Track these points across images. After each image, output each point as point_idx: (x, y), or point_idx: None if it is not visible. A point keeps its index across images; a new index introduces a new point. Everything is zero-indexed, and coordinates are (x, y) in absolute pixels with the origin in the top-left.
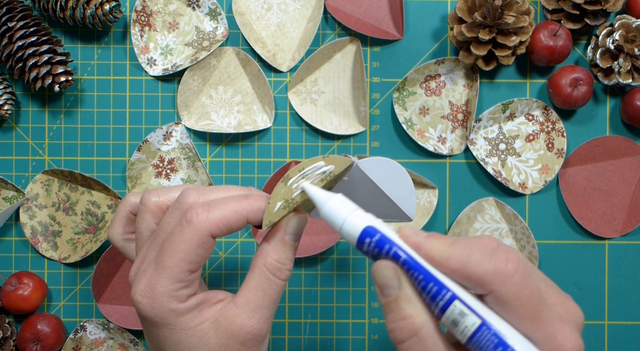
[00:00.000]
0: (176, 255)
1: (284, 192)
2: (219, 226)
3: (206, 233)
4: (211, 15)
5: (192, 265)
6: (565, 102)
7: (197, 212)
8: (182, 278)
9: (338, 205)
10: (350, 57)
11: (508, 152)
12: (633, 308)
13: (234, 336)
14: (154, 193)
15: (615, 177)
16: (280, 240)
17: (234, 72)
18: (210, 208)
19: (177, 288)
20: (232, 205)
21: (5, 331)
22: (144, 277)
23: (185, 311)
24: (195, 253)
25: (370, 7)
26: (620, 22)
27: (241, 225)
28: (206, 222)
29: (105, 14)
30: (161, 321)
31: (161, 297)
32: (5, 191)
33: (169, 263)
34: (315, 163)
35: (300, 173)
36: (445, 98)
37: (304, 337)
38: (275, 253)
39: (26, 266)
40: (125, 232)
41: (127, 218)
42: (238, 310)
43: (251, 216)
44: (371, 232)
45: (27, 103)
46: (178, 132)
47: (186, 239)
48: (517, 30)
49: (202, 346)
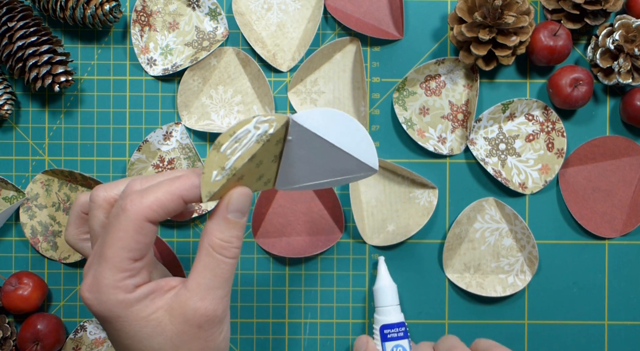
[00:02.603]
0: (115, 244)
1: (217, 160)
2: (153, 209)
3: (141, 218)
4: (211, 15)
5: (133, 253)
6: (565, 102)
7: (131, 199)
8: (124, 267)
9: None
10: (350, 57)
11: (508, 152)
12: (633, 308)
13: (189, 320)
14: (102, 189)
15: (615, 177)
16: (223, 219)
17: (234, 72)
18: (143, 193)
19: (121, 279)
20: (164, 186)
21: (5, 331)
22: (90, 272)
23: (135, 302)
24: (133, 241)
25: (370, 7)
26: (620, 22)
27: (178, 206)
28: (140, 206)
29: (105, 14)
30: (111, 314)
31: (107, 289)
32: (5, 191)
33: (109, 254)
34: (246, 125)
35: (232, 137)
36: (445, 98)
37: (304, 337)
38: (220, 232)
39: (26, 266)
40: (80, 232)
41: (80, 219)
42: (190, 294)
43: (185, 193)
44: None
45: (27, 103)
46: (178, 132)
47: (122, 227)
48: (517, 30)
49: (158, 335)
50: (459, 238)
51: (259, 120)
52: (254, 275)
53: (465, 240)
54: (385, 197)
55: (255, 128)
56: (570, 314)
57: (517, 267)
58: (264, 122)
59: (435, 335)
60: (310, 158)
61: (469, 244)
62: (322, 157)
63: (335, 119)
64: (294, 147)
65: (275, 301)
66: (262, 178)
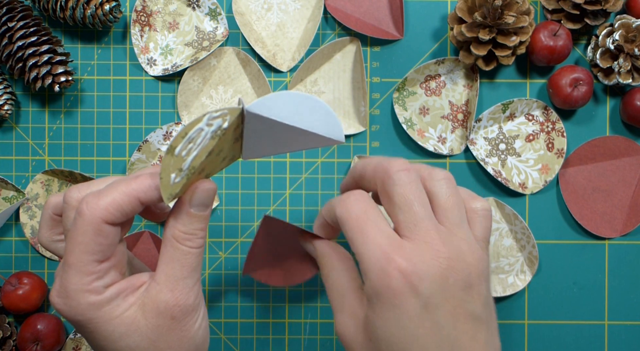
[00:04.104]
0: (76, 248)
1: (174, 163)
2: (109, 210)
3: (99, 220)
4: (211, 15)
5: (96, 256)
6: (565, 102)
7: (87, 201)
8: (90, 270)
9: None
10: (350, 57)
11: (508, 152)
12: (633, 308)
13: (162, 313)
14: (75, 190)
15: (615, 177)
16: (185, 213)
17: (234, 72)
18: (99, 195)
19: (88, 282)
20: (121, 187)
21: (5, 331)
22: (58, 278)
23: (105, 302)
24: (94, 243)
25: (370, 7)
26: (620, 22)
27: (135, 207)
28: (96, 209)
29: (105, 14)
30: (83, 317)
31: (75, 294)
32: (5, 191)
33: (72, 259)
34: (198, 124)
35: (185, 138)
36: (445, 98)
37: (304, 337)
38: (182, 225)
39: (26, 266)
40: (53, 234)
41: (51, 220)
42: (160, 287)
43: (142, 195)
44: None
45: (27, 103)
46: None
47: (81, 231)
48: (517, 30)
49: (132, 333)
50: None
51: (210, 117)
52: None
53: None
54: None
55: (208, 126)
56: (570, 314)
57: (517, 267)
58: (216, 117)
59: None
60: (273, 136)
61: None
62: (285, 135)
63: (293, 100)
64: (254, 128)
65: (275, 301)
66: (226, 158)
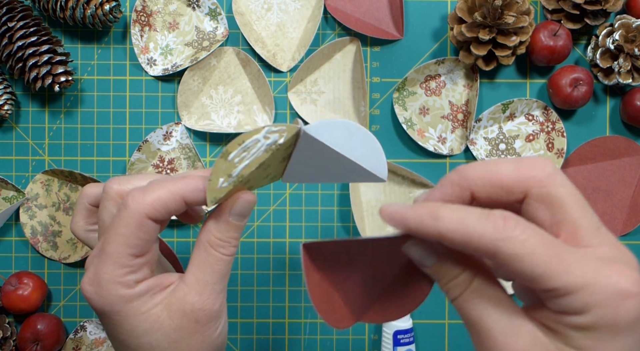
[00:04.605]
0: (116, 240)
1: (225, 168)
2: (154, 207)
3: (143, 215)
4: (211, 15)
5: (134, 250)
6: (565, 102)
7: (134, 195)
8: (125, 263)
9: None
10: (350, 57)
11: (508, 152)
12: None
13: (187, 315)
14: (116, 182)
15: (615, 177)
16: (224, 221)
17: (234, 72)
18: (146, 190)
19: (122, 274)
20: (168, 185)
21: (5, 331)
22: (91, 266)
23: (135, 297)
24: (134, 237)
25: (370, 7)
26: (620, 22)
27: (179, 206)
28: (142, 204)
29: (105, 14)
30: (111, 309)
31: (107, 284)
32: (5, 191)
33: (110, 250)
34: (256, 134)
35: (241, 146)
36: (445, 98)
37: (304, 337)
38: (219, 232)
39: (26, 266)
40: (87, 223)
41: (87, 210)
42: (188, 289)
43: (188, 195)
44: None
45: (27, 103)
46: (178, 132)
47: (124, 223)
48: (517, 30)
49: (156, 331)
50: None
51: (269, 130)
52: (254, 275)
53: None
54: (386, 197)
55: (265, 138)
56: None
57: None
58: (274, 132)
59: (436, 335)
60: (319, 162)
61: None
62: (331, 163)
63: (347, 130)
64: (303, 151)
65: (275, 301)
66: (269, 176)
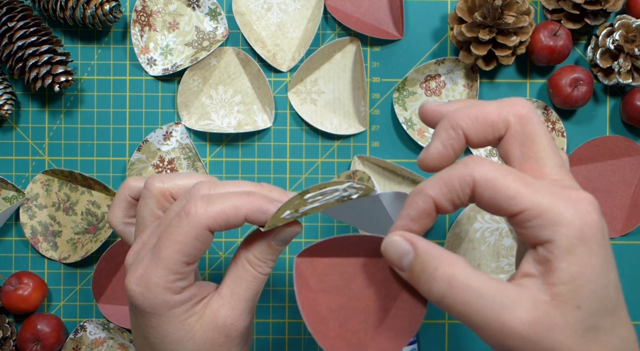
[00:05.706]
0: (172, 246)
1: (297, 204)
2: (216, 220)
3: (203, 226)
4: (211, 15)
5: (188, 258)
6: (565, 102)
7: (196, 204)
8: (177, 270)
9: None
10: (350, 57)
11: None
12: (633, 308)
13: (219, 328)
14: (159, 179)
15: (615, 177)
16: (267, 244)
17: (234, 72)
18: (210, 201)
19: (172, 280)
20: (232, 200)
21: (5, 331)
22: (140, 266)
23: (179, 304)
24: (191, 246)
25: (370, 7)
26: (620, 22)
27: (239, 222)
28: (204, 215)
29: (105, 14)
30: (153, 311)
31: (156, 288)
32: (5, 191)
33: (164, 254)
34: (338, 185)
35: (320, 191)
36: (445, 98)
37: (304, 337)
38: (260, 253)
39: (26, 266)
40: (125, 216)
41: (127, 202)
42: (222, 301)
43: (250, 214)
44: None
45: (27, 103)
46: (178, 132)
47: (183, 231)
48: (517, 30)
49: (187, 340)
50: (458, 238)
51: (351, 186)
52: None
53: (465, 240)
54: None
55: (344, 191)
56: None
57: None
58: (355, 188)
59: (436, 335)
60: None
61: (469, 244)
62: (376, 220)
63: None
64: (362, 204)
65: (275, 301)
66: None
